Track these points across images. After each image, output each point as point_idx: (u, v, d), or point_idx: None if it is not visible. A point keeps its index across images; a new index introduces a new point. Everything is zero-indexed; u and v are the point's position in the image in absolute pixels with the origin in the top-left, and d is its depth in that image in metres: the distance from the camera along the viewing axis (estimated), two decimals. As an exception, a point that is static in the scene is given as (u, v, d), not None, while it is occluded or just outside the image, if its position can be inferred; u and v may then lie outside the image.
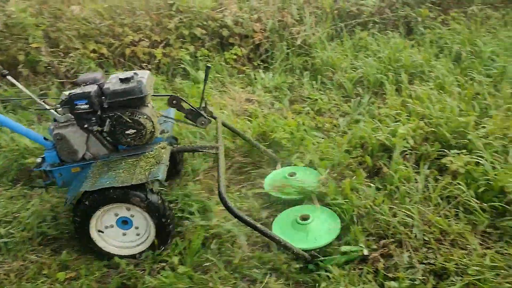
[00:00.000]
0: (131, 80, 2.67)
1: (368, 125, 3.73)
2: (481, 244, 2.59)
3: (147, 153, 2.74)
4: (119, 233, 2.76)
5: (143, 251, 2.75)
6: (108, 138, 2.82)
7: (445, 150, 3.31)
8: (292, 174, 3.27)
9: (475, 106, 3.81)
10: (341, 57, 5.15)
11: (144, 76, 2.74)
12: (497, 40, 5.10)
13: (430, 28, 5.61)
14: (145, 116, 2.71)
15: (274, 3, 5.77)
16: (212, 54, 5.39)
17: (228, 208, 2.49)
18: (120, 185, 2.49)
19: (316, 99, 4.51)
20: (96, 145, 2.84)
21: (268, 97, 4.69)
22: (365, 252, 2.55)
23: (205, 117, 3.07)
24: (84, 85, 2.73)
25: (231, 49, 5.45)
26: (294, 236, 2.70)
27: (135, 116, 2.70)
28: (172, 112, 3.27)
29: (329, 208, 2.95)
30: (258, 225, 2.51)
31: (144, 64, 5.20)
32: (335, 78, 4.81)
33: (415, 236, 2.64)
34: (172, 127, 3.19)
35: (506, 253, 2.47)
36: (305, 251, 2.58)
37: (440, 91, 4.16)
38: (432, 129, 3.54)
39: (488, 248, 2.56)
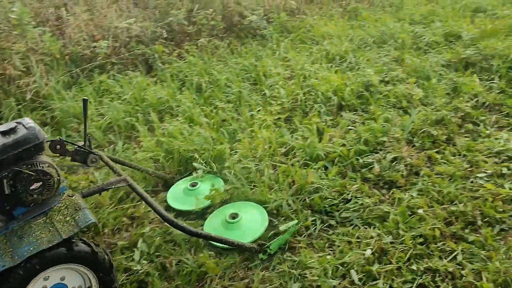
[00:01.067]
0: (17, 129, 2.34)
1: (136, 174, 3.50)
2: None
3: (54, 207, 2.36)
4: None
5: None
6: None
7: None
8: (194, 185, 3.33)
9: (224, 133, 4.00)
10: (83, 105, 4.74)
11: (30, 122, 2.41)
12: (228, 67, 5.53)
13: (169, 63, 5.74)
14: (47, 164, 2.35)
15: (-12, 55, 4.94)
16: None
17: (179, 228, 2.53)
18: (50, 246, 2.12)
19: (64, 156, 3.99)
20: None
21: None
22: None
23: (95, 154, 2.87)
24: None
25: None
26: (230, 236, 2.73)
27: (37, 166, 2.32)
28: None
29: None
30: (212, 234, 2.65)
31: None
32: (81, 128, 4.39)
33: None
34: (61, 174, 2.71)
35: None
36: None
37: (191, 124, 4.23)
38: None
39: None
